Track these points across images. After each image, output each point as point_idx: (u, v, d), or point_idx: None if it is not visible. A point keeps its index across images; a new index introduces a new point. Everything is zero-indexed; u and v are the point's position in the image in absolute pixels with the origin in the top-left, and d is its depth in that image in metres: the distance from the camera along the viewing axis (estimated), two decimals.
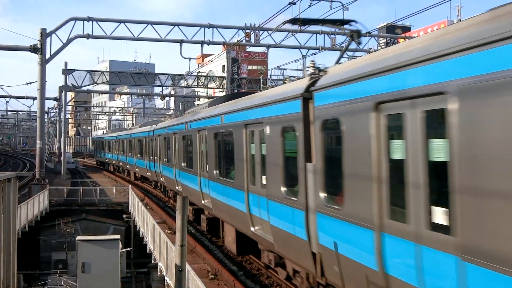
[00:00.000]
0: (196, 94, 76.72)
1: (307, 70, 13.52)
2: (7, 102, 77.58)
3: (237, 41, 36.53)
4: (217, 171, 15.41)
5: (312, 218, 8.96)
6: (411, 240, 6.08)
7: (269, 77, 56.75)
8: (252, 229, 12.43)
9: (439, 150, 5.72)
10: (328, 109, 8.19)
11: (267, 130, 10.81)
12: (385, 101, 6.60)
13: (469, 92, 5.03)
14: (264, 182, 11.34)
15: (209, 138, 16.11)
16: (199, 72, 56.45)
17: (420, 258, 5.96)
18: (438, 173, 5.75)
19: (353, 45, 11.41)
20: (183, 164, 20.80)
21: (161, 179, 28.42)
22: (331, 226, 8.24)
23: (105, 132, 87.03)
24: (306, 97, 9.03)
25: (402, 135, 6.28)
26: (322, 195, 8.57)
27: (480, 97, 4.89)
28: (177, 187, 22.69)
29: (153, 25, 35.02)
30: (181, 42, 35.29)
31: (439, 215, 5.70)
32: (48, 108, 76.39)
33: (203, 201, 17.51)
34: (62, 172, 45.86)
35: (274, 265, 12.26)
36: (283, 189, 10.14)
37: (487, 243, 4.81)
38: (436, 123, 5.84)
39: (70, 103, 79.85)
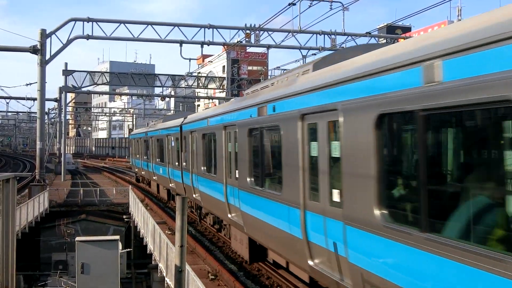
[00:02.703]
0: (196, 95, 76.76)
1: None
2: (7, 103, 77.70)
3: (237, 42, 36.50)
4: None
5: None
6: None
7: (269, 77, 56.72)
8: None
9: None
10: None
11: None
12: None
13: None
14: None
15: None
16: (199, 72, 56.42)
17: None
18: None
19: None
20: None
21: None
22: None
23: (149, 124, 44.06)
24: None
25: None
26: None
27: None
28: None
29: (153, 25, 35.00)
30: (181, 42, 35.27)
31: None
32: (48, 109, 76.56)
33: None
34: (62, 173, 45.84)
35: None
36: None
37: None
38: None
39: (70, 104, 79.88)
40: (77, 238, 17.31)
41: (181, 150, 22.00)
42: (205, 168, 17.33)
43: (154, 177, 30.98)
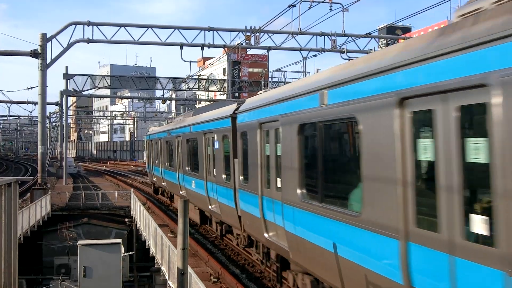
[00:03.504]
0: (197, 98, 76.74)
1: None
2: (9, 107, 77.77)
3: (238, 44, 36.52)
4: None
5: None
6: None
7: (270, 79, 56.73)
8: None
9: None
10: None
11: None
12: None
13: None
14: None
15: None
16: (200, 75, 56.45)
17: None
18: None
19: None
20: None
21: None
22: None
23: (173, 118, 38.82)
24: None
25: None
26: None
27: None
28: None
29: (153, 28, 35.05)
30: (181, 45, 35.30)
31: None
32: (50, 113, 76.53)
33: None
34: (64, 177, 45.86)
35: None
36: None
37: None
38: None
39: (71, 108, 79.93)
40: (79, 242, 17.30)
41: (233, 155, 14.28)
42: (305, 191, 9.28)
43: (182, 192, 22.68)
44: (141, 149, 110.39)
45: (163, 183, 28.13)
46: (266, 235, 11.62)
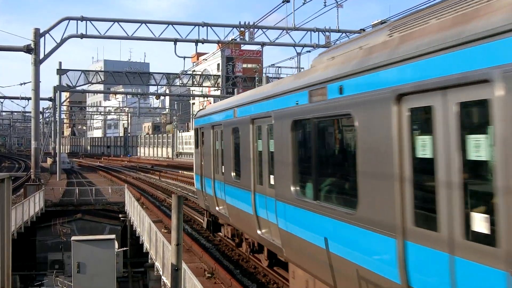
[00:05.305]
0: (191, 93, 76.60)
1: None
2: (2, 103, 77.30)
3: (232, 40, 36.48)
4: None
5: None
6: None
7: (264, 75, 56.66)
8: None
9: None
10: None
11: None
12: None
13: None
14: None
15: None
16: (194, 71, 56.32)
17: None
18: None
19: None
20: None
21: None
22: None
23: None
24: None
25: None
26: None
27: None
28: None
29: (147, 24, 34.96)
30: (175, 41, 35.24)
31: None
32: (43, 109, 76.27)
33: None
34: (57, 173, 45.71)
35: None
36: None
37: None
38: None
39: (65, 103, 79.64)
40: (73, 238, 17.25)
41: None
42: None
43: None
44: (134, 145, 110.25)
45: (259, 232, 11.37)
46: None
